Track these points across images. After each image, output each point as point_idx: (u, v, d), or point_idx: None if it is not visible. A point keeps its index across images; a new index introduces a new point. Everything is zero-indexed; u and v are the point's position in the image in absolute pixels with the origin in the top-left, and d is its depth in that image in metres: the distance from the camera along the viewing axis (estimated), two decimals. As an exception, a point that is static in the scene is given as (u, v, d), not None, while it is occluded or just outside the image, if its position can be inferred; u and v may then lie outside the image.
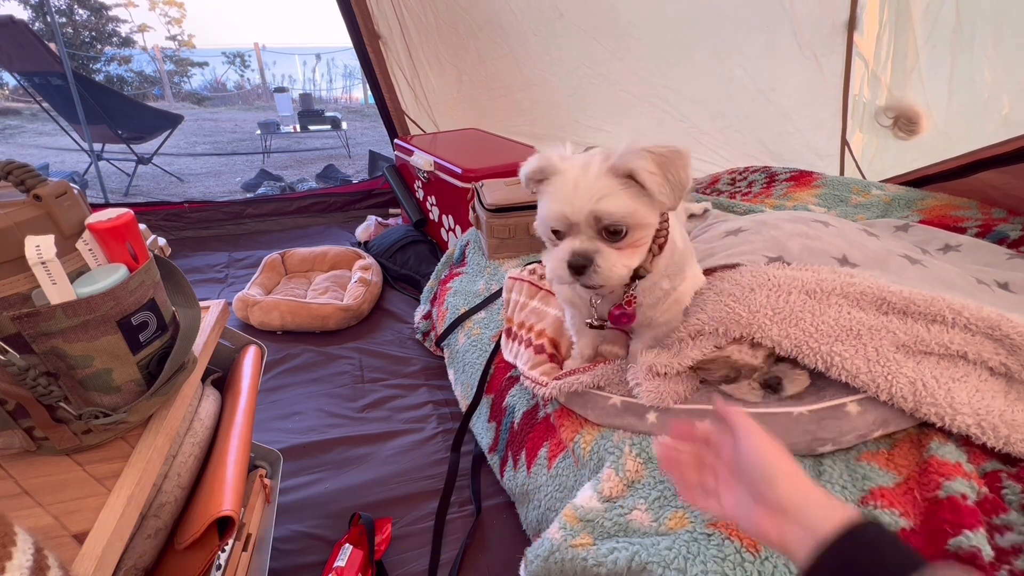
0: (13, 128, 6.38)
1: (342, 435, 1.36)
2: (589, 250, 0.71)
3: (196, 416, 0.83)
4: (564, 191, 0.71)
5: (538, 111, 2.73)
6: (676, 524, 0.69)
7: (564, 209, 0.70)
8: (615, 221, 0.70)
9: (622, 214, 0.69)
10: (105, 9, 8.65)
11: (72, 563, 0.49)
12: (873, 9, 2.09)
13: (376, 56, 2.58)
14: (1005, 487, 0.66)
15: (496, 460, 1.12)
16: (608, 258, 0.71)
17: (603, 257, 0.71)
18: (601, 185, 0.69)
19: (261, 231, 2.82)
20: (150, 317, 0.65)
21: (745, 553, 0.63)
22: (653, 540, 0.67)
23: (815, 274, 0.88)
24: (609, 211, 0.69)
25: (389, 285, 2.15)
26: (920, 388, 0.73)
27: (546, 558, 0.71)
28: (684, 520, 0.69)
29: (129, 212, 0.64)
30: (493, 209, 1.53)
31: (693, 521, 0.68)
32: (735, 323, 0.81)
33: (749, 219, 1.25)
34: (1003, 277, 1.10)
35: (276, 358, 1.67)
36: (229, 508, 0.68)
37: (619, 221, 0.70)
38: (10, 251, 0.54)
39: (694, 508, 0.51)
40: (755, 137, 2.50)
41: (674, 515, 0.70)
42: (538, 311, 1.19)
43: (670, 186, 0.69)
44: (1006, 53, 1.69)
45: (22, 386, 0.57)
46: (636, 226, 0.71)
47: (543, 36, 2.49)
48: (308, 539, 1.08)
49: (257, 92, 9.80)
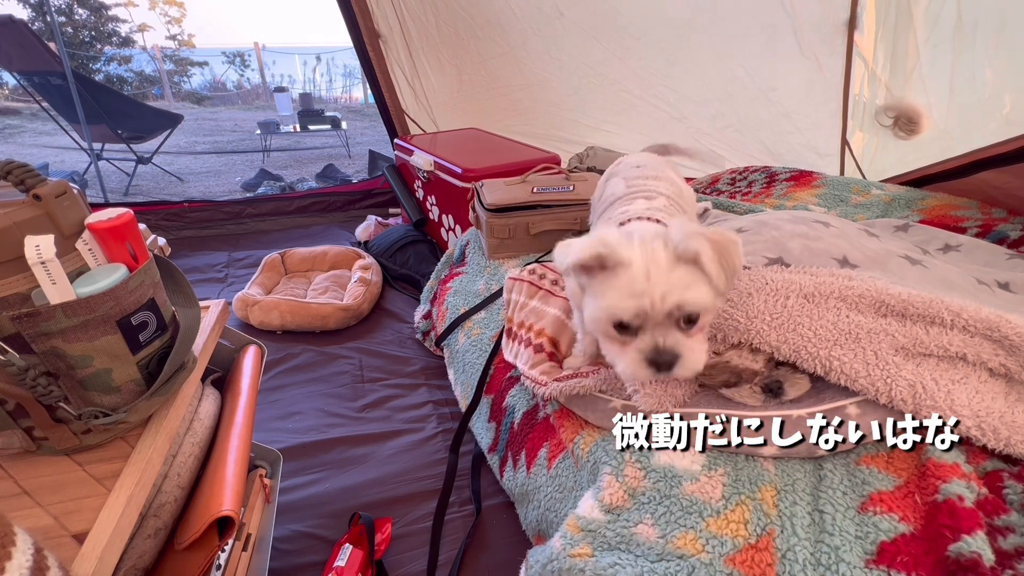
0: (13, 128, 6.37)
1: (342, 435, 1.36)
2: (673, 345, 0.67)
3: (196, 416, 0.83)
4: (636, 284, 0.66)
5: (538, 111, 2.74)
6: (685, 545, 0.67)
7: (642, 303, 0.65)
8: (696, 310, 0.66)
9: (704, 305, 0.66)
10: (105, 9, 8.65)
11: (72, 563, 0.49)
12: (873, 8, 2.09)
13: (376, 55, 2.58)
14: (1006, 487, 0.66)
15: (496, 460, 1.12)
16: (693, 350, 0.67)
17: (688, 349, 0.67)
18: (680, 275, 0.66)
19: (261, 231, 2.82)
20: (150, 317, 0.65)
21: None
22: (665, 567, 0.65)
23: (813, 277, 0.88)
24: (695, 301, 0.65)
25: (389, 285, 2.15)
26: (920, 391, 0.72)
27: (544, 565, 0.70)
28: (695, 544, 0.66)
29: (129, 212, 0.64)
30: (493, 209, 1.53)
31: (710, 552, 0.65)
32: (733, 329, 0.81)
33: (749, 219, 1.25)
34: (1003, 277, 1.10)
35: (276, 358, 1.67)
36: (229, 508, 0.68)
37: (698, 310, 0.66)
38: (9, 251, 0.54)
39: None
40: (755, 137, 2.51)
41: (683, 535, 0.68)
42: (537, 310, 1.19)
43: (725, 274, 0.67)
44: (1007, 52, 1.69)
45: (22, 386, 0.57)
46: (706, 311, 0.68)
47: (543, 35, 2.49)
48: (308, 539, 1.08)
49: (257, 92, 9.79)
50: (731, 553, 0.65)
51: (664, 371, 0.68)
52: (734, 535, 0.67)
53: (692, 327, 0.69)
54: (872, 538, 0.63)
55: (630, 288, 0.66)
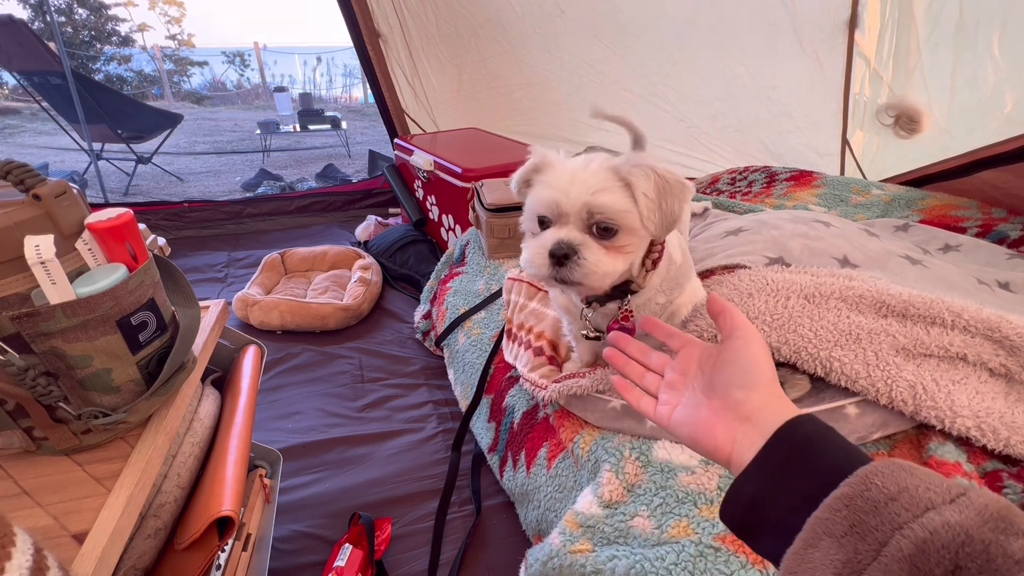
0: (13, 127, 6.38)
1: (342, 435, 1.36)
2: (575, 240, 0.67)
3: (196, 416, 0.83)
4: (560, 180, 0.68)
5: (538, 110, 2.73)
6: (679, 533, 0.68)
7: (557, 196, 0.67)
8: (608, 217, 0.66)
9: (617, 210, 0.66)
10: (105, 8, 8.66)
11: (72, 563, 0.49)
12: (875, 7, 2.09)
13: (376, 55, 2.58)
14: (1006, 487, 0.66)
15: (496, 460, 1.12)
16: (594, 253, 0.67)
17: (589, 250, 0.67)
18: (600, 179, 0.66)
19: (261, 230, 2.82)
20: (150, 317, 0.65)
21: (751, 569, 0.61)
22: (656, 551, 0.66)
23: (814, 277, 0.88)
24: (605, 205, 0.66)
25: (389, 285, 2.15)
26: (920, 391, 0.72)
27: (544, 563, 0.71)
28: (688, 529, 0.68)
29: (128, 212, 0.64)
30: (493, 209, 1.53)
31: (699, 532, 0.67)
32: (733, 329, 0.81)
33: (749, 219, 1.25)
34: (1003, 277, 1.10)
35: (276, 358, 1.67)
36: (229, 508, 0.68)
37: (612, 218, 0.66)
38: (9, 251, 0.54)
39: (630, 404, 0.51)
40: (755, 136, 2.50)
41: (677, 523, 0.69)
42: (537, 312, 1.19)
43: (661, 215, 0.67)
44: (1009, 51, 1.68)
45: (21, 386, 0.57)
46: (627, 229, 0.68)
47: (544, 34, 2.49)
48: (308, 539, 1.08)
49: (257, 91, 9.80)
50: (721, 533, 0.66)
51: (560, 266, 0.68)
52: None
53: (609, 238, 0.68)
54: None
55: (552, 183, 0.69)
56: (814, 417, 0.40)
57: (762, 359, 0.44)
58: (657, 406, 0.49)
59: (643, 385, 0.51)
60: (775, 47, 2.27)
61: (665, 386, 0.49)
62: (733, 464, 0.41)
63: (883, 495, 0.31)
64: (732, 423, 0.42)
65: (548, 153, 0.72)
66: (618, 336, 0.57)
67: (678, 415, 0.46)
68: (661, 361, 0.52)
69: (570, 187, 0.67)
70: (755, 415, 0.41)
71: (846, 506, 0.32)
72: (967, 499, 0.29)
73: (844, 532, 0.31)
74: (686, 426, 0.45)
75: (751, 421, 0.41)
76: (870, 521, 0.30)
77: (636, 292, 0.79)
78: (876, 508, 0.31)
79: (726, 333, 0.46)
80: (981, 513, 0.28)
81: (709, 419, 0.43)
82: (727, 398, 0.43)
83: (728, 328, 0.46)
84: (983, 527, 0.27)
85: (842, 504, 0.32)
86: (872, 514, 0.31)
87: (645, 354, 0.54)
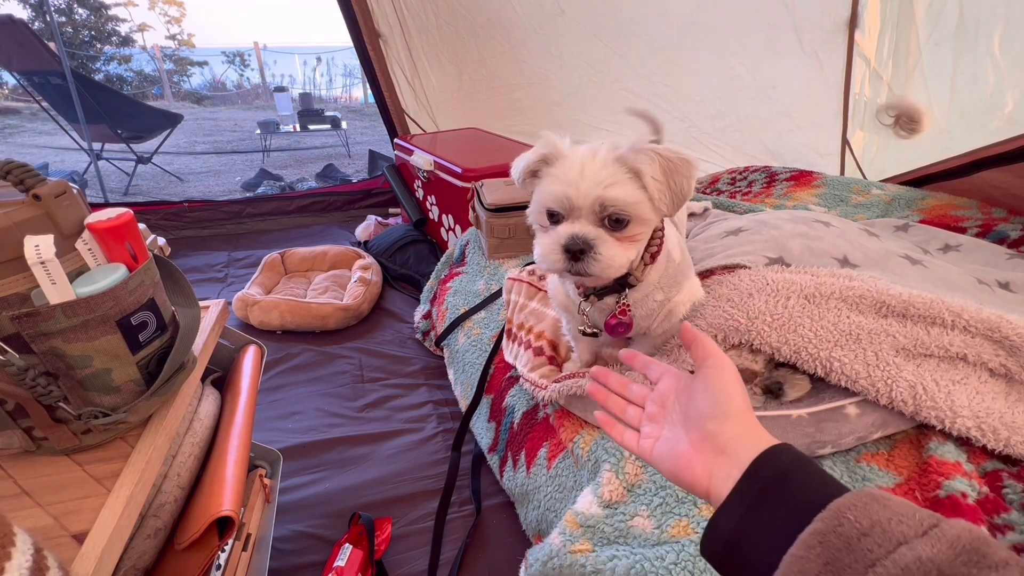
0: (12, 127, 6.38)
1: (342, 435, 1.36)
2: (590, 235, 0.67)
3: (196, 416, 0.83)
4: (569, 174, 0.68)
5: (538, 110, 2.73)
6: (679, 532, 0.68)
7: (568, 191, 0.67)
8: (621, 209, 0.67)
9: (629, 202, 0.67)
10: (105, 8, 8.66)
11: (71, 563, 0.49)
12: (874, 7, 2.09)
13: (376, 55, 2.58)
14: (1006, 486, 0.66)
15: (496, 460, 1.12)
16: (610, 246, 0.68)
17: (604, 244, 0.68)
18: (610, 172, 0.67)
19: (261, 230, 2.82)
20: (150, 317, 0.65)
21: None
22: (656, 551, 0.66)
23: (814, 277, 0.88)
24: (617, 198, 0.66)
25: (389, 285, 2.15)
26: (920, 391, 0.72)
27: (544, 563, 0.71)
28: (687, 529, 0.68)
29: (128, 212, 0.64)
30: (493, 209, 1.53)
31: (699, 532, 0.67)
32: (734, 330, 0.81)
33: (749, 218, 1.25)
34: (1003, 277, 1.10)
35: (276, 358, 1.67)
36: (229, 508, 0.68)
37: (624, 210, 0.67)
38: (9, 251, 0.54)
39: (613, 439, 0.51)
40: (755, 136, 2.50)
41: (677, 523, 0.69)
42: (537, 312, 1.19)
43: (671, 194, 0.68)
44: (1009, 51, 1.68)
45: (21, 386, 0.56)
46: (638, 219, 0.69)
47: (544, 33, 2.49)
48: (308, 539, 1.08)
49: (257, 91, 9.80)
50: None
51: (576, 261, 0.68)
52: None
53: (620, 229, 0.69)
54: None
55: (562, 177, 0.68)
56: (790, 447, 0.39)
57: (733, 388, 0.43)
58: (640, 440, 0.48)
59: (625, 419, 0.51)
60: (775, 47, 2.27)
61: (646, 419, 0.49)
62: (712, 498, 0.40)
63: (856, 530, 0.30)
64: (708, 456, 0.42)
65: (558, 142, 0.71)
66: (599, 371, 0.57)
67: (659, 449, 0.46)
68: (642, 393, 0.52)
69: (581, 181, 0.67)
70: (730, 447, 0.41)
71: (820, 543, 0.31)
72: (939, 531, 0.29)
73: (818, 571, 0.30)
74: (666, 460, 0.45)
75: (726, 453, 0.41)
76: (843, 559, 0.30)
77: (634, 286, 0.79)
78: (849, 544, 0.30)
79: (698, 363, 0.46)
80: (953, 546, 0.28)
81: (687, 452, 0.43)
82: (702, 430, 0.43)
83: (701, 357, 0.46)
84: (955, 561, 0.27)
85: (816, 540, 0.31)
86: (845, 551, 0.30)
87: (625, 387, 0.54)
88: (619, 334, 0.82)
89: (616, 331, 0.81)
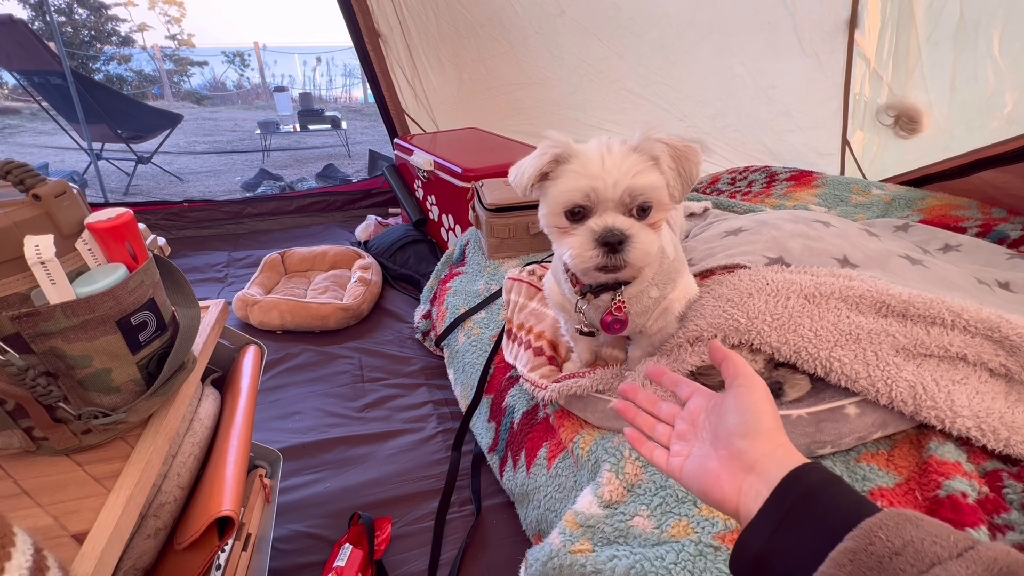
0: (12, 127, 6.38)
1: (342, 435, 1.36)
2: (625, 226, 0.67)
3: (196, 416, 0.83)
4: (590, 167, 0.67)
5: (538, 110, 2.73)
6: (679, 532, 0.68)
7: (595, 183, 0.66)
8: (649, 197, 0.67)
9: (655, 188, 0.67)
10: (104, 8, 8.66)
11: (71, 563, 0.49)
12: (875, 7, 2.09)
13: (376, 55, 2.58)
14: (1006, 486, 0.66)
15: (496, 460, 1.12)
16: (645, 234, 0.68)
17: (640, 232, 0.67)
18: (632, 161, 0.67)
19: (261, 230, 2.82)
20: (149, 317, 0.65)
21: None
22: (656, 551, 0.66)
23: (814, 277, 0.88)
24: (646, 185, 0.66)
25: (389, 285, 2.15)
26: (920, 391, 0.72)
27: (544, 563, 0.71)
28: (688, 529, 0.68)
29: (128, 212, 0.64)
30: (493, 209, 1.53)
31: (698, 531, 0.67)
32: (734, 330, 0.81)
33: (749, 218, 1.25)
34: (1003, 277, 1.10)
35: (276, 358, 1.67)
36: (229, 508, 0.68)
37: (651, 197, 0.67)
38: (9, 251, 0.54)
39: (643, 457, 0.50)
40: (755, 136, 2.50)
41: (677, 523, 0.69)
42: (537, 312, 1.19)
43: (681, 181, 0.69)
44: (1009, 51, 1.68)
45: (21, 386, 0.57)
46: (659, 205, 0.69)
47: (544, 34, 2.49)
48: (308, 539, 1.08)
49: (257, 91, 9.80)
50: (721, 532, 0.66)
51: (614, 254, 0.67)
52: (726, 517, 0.67)
53: (647, 217, 0.69)
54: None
55: (584, 171, 0.67)
56: (819, 466, 0.39)
57: (764, 406, 0.44)
58: (669, 458, 0.48)
59: (655, 437, 0.51)
60: (775, 47, 2.27)
61: (676, 437, 0.49)
62: (741, 516, 0.40)
63: (887, 549, 0.30)
64: (737, 474, 0.42)
65: (571, 143, 0.71)
66: (627, 387, 0.56)
67: (688, 467, 0.46)
68: (671, 411, 0.52)
69: (605, 173, 0.67)
70: (759, 465, 0.41)
71: (850, 561, 0.31)
72: (975, 553, 0.28)
73: None
74: (695, 478, 0.45)
75: (755, 471, 0.41)
76: None
77: (629, 282, 0.80)
78: (880, 564, 0.29)
79: (729, 381, 0.46)
80: (989, 568, 0.27)
81: (716, 470, 0.43)
82: (731, 447, 0.43)
83: (731, 376, 0.46)
84: None
85: (846, 559, 0.31)
86: (876, 570, 0.29)
87: (654, 404, 0.54)
88: (615, 331, 0.82)
89: (612, 328, 0.81)
